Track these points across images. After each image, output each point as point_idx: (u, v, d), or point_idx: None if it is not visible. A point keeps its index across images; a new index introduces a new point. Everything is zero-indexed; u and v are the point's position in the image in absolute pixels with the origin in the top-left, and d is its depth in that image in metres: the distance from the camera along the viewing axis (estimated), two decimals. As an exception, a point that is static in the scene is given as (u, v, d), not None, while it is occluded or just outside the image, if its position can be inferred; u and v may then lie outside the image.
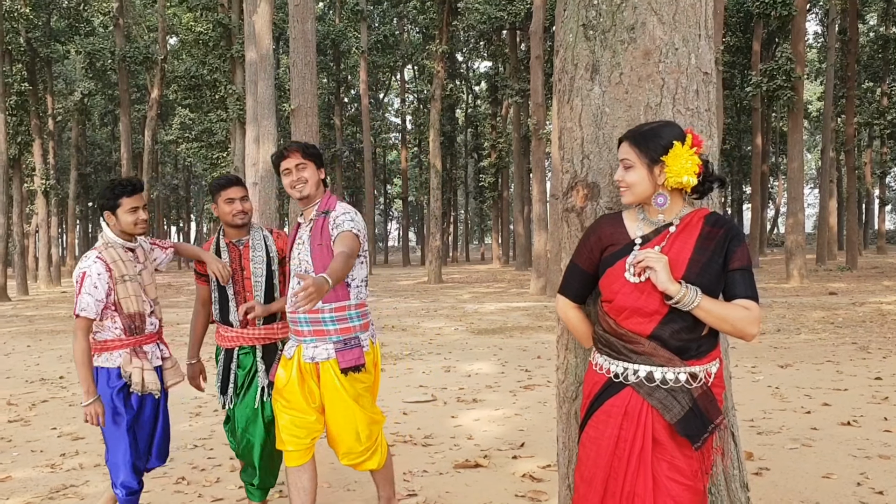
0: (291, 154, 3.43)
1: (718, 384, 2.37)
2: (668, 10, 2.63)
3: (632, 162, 2.32)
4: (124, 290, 3.53)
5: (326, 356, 3.39)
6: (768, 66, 23.58)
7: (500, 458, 5.15)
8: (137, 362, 3.55)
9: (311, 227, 3.42)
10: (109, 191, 3.60)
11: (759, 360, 8.92)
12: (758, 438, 5.44)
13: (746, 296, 2.28)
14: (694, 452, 2.31)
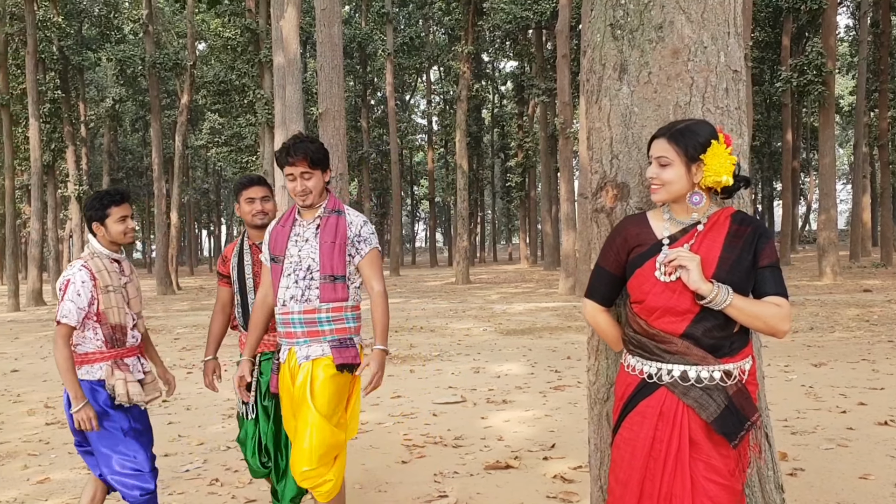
0: (298, 162, 3.24)
1: (752, 381, 2.35)
2: (697, 8, 2.62)
3: (670, 159, 2.29)
4: (107, 301, 3.44)
5: (321, 353, 3.26)
6: (798, 60, 23.29)
7: (531, 459, 5.14)
8: (120, 374, 3.44)
9: (319, 224, 3.30)
10: (97, 201, 3.53)
11: (793, 358, 8.81)
12: (792, 438, 5.37)
13: (776, 293, 2.28)
14: (730, 451, 2.29)
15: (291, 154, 3.25)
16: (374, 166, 45.30)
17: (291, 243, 3.32)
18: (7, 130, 25.12)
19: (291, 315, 3.27)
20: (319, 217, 3.32)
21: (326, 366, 3.24)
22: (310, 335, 3.26)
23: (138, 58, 30.43)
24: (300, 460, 3.19)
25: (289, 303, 3.27)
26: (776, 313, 2.25)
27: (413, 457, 5.30)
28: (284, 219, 3.40)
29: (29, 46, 24.89)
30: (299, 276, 3.27)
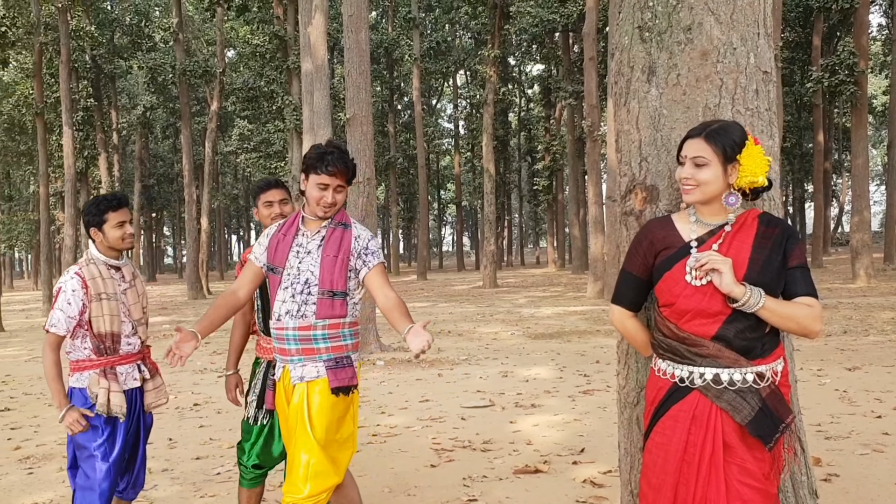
0: (338, 174, 3.07)
1: (785, 383, 2.33)
2: (726, 9, 2.60)
3: (707, 159, 2.27)
4: (98, 309, 3.37)
5: (316, 374, 3.06)
6: (829, 60, 22.99)
7: (561, 463, 5.12)
8: (104, 383, 3.37)
9: (324, 236, 3.12)
10: (94, 206, 3.47)
11: (826, 362, 8.69)
12: (826, 444, 5.30)
13: (807, 293, 2.27)
14: (765, 454, 2.27)
15: (332, 164, 3.07)
16: (401, 171, 45.44)
17: (293, 254, 3.13)
18: (42, 138, 25.58)
19: (286, 331, 3.07)
20: (325, 228, 3.14)
21: (322, 389, 3.04)
22: (304, 353, 3.07)
23: (169, 65, 30.84)
24: (293, 488, 3.00)
25: (284, 317, 3.07)
26: (808, 313, 2.24)
27: (442, 461, 5.30)
28: (286, 227, 3.21)
29: (63, 56, 25.33)
30: (296, 289, 3.07)
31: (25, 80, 30.98)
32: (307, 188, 3.11)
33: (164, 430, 6.62)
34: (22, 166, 43.32)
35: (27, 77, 30.35)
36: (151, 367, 3.64)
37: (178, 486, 4.99)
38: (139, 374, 3.54)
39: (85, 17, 30.29)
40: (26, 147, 39.87)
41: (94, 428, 3.40)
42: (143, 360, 3.59)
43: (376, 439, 6.00)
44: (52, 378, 3.35)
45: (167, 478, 5.17)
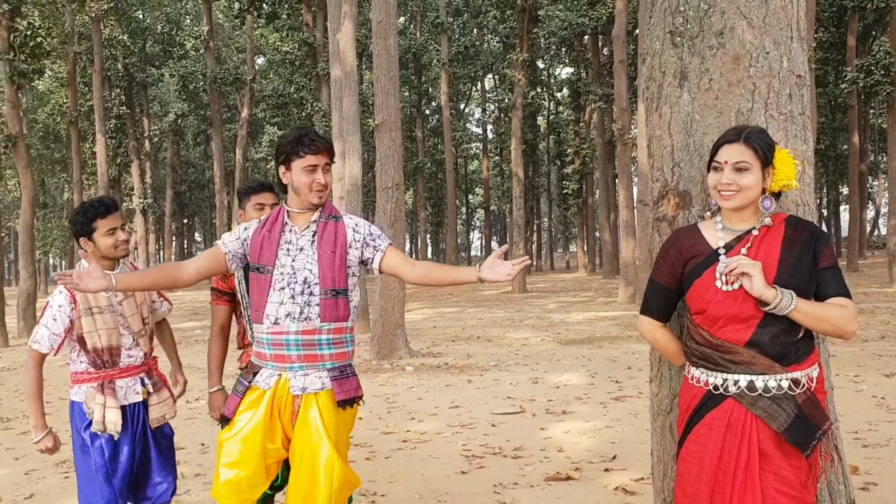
0: (323, 152, 2.87)
1: (821, 389, 2.31)
2: (758, 13, 2.57)
3: (749, 164, 2.25)
4: (89, 324, 3.19)
5: (321, 386, 2.85)
6: (864, 61, 22.64)
7: (592, 470, 5.08)
8: (101, 398, 3.20)
9: (315, 231, 2.92)
10: (81, 215, 3.23)
11: (862, 368, 8.53)
12: (863, 451, 5.20)
13: (840, 293, 2.25)
14: (801, 462, 2.24)
15: (313, 142, 2.86)
16: (429, 175, 45.51)
17: (282, 252, 2.90)
18: (76, 146, 26.03)
19: (287, 335, 2.83)
20: (315, 223, 2.93)
21: (326, 401, 2.85)
22: (307, 359, 2.85)
23: (200, 73, 31.24)
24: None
25: (283, 321, 2.83)
26: (843, 314, 2.22)
27: (472, 467, 5.29)
28: (269, 223, 2.97)
29: (96, 65, 25.78)
30: (296, 290, 2.85)
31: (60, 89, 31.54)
32: (293, 178, 2.89)
33: (197, 436, 6.68)
34: (56, 174, 44.10)
35: (62, 86, 30.90)
36: (158, 379, 3.48)
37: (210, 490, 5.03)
38: (142, 388, 3.36)
39: (118, 27, 30.81)
40: (60, 155, 40.61)
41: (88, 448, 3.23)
42: (149, 372, 3.43)
43: (406, 445, 6.00)
44: (31, 396, 3.22)
45: (200, 483, 5.21)
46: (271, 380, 2.88)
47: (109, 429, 3.20)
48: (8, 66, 17.82)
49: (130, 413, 3.34)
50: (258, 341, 2.93)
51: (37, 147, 37.64)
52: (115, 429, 3.21)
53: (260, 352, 2.92)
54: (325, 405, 2.84)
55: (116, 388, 3.27)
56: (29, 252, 17.93)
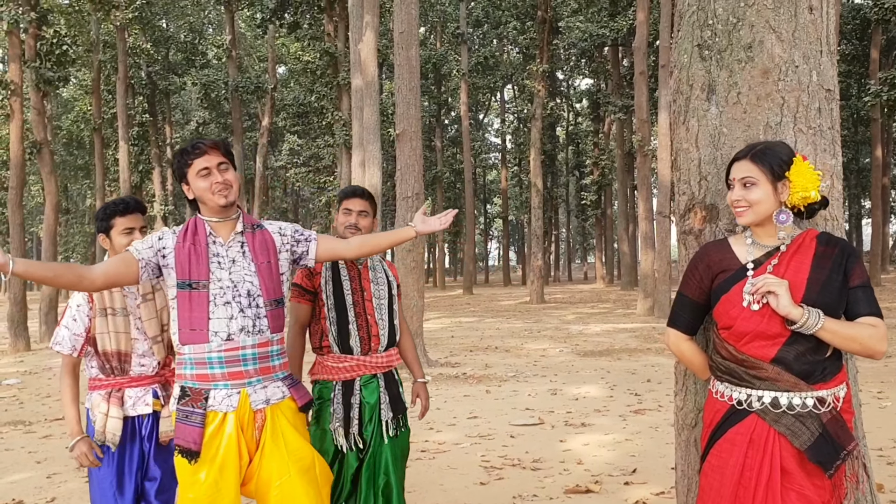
0: (210, 150, 2.76)
1: (848, 409, 2.28)
2: (788, 27, 2.56)
3: (755, 179, 2.25)
4: (103, 325, 3.11)
5: (282, 395, 2.83)
6: (888, 74, 22.46)
7: (612, 483, 5.05)
8: (104, 407, 3.11)
9: (244, 242, 2.83)
10: (102, 211, 3.21)
11: (886, 384, 8.44)
12: (888, 469, 5.14)
13: (870, 312, 2.22)
14: (825, 482, 2.21)
15: (199, 144, 2.78)
16: (447, 185, 45.60)
17: (214, 265, 2.76)
18: (99, 153, 26.31)
19: (243, 350, 2.72)
20: (241, 233, 2.84)
21: (290, 409, 2.83)
22: (262, 372, 2.77)
23: (222, 82, 31.48)
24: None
25: (237, 336, 2.72)
26: (872, 334, 2.19)
27: (491, 478, 5.27)
28: (189, 236, 2.79)
29: (120, 73, 26.05)
30: (243, 303, 2.74)
31: (84, 96, 31.92)
32: (193, 189, 2.79)
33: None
34: (79, 180, 44.60)
35: (86, 94, 31.26)
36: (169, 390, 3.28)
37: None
38: (153, 399, 3.22)
39: (141, 35, 31.13)
40: (83, 161, 41.05)
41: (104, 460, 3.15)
42: (165, 383, 3.27)
43: (425, 455, 6.00)
44: (65, 403, 3.14)
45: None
46: (232, 399, 2.72)
47: (108, 439, 3.11)
48: (34, 73, 18.05)
49: (138, 425, 3.21)
50: (197, 363, 2.72)
51: (60, 153, 38.11)
52: (114, 440, 3.11)
53: (204, 373, 2.71)
54: (292, 412, 2.85)
55: (125, 398, 3.17)
56: (52, 257, 18.11)
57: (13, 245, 16.45)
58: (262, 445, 2.75)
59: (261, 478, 2.74)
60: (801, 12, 2.58)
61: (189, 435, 2.67)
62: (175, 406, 2.75)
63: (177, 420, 2.72)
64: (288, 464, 2.74)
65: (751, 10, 2.58)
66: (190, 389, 2.73)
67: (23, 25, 16.87)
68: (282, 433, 2.77)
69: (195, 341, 2.72)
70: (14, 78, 16.81)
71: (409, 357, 3.67)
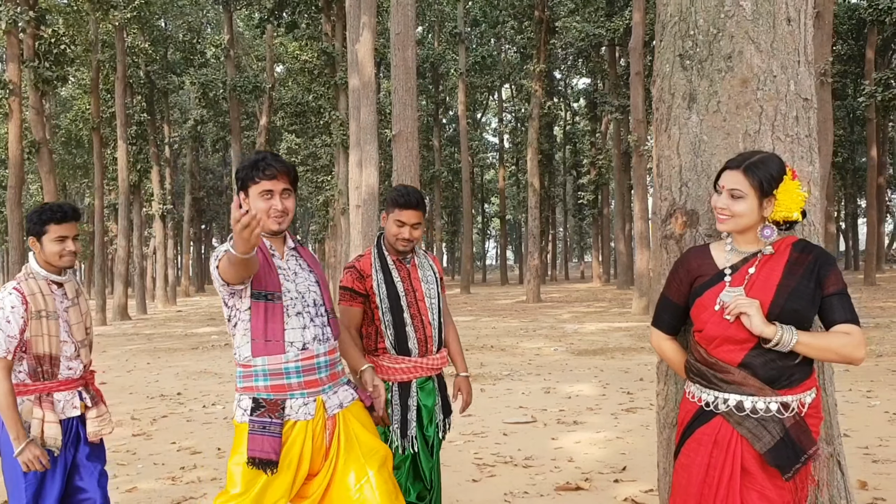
0: (279, 176, 2.76)
1: (814, 414, 2.35)
2: (766, 38, 2.65)
3: (744, 192, 2.30)
4: (38, 328, 3.09)
5: (352, 398, 2.92)
6: (882, 74, 22.56)
7: (602, 481, 5.14)
8: (38, 412, 3.09)
9: (296, 255, 2.93)
10: (37, 215, 3.17)
11: (876, 383, 8.53)
12: (872, 467, 5.23)
13: (846, 320, 2.27)
14: (786, 483, 2.29)
15: (268, 167, 2.75)
16: (445, 184, 45.67)
17: (282, 277, 2.80)
18: (98, 152, 26.34)
19: (317, 359, 2.79)
20: (294, 249, 2.94)
21: (359, 409, 2.93)
22: (331, 378, 2.85)
23: (220, 81, 31.53)
24: None
25: (312, 344, 2.78)
26: (847, 342, 2.24)
27: (483, 476, 5.36)
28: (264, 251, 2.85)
29: (118, 72, 26.09)
30: (311, 313, 2.82)
31: (83, 95, 31.96)
32: (251, 205, 2.76)
33: (213, 440, 6.79)
34: (78, 179, 44.63)
35: (85, 93, 31.30)
36: (95, 393, 3.36)
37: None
38: (80, 402, 3.25)
39: (140, 35, 31.17)
40: (82, 160, 41.08)
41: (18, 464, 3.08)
42: (87, 385, 3.32)
43: (419, 453, 6.07)
44: (5, 407, 3.03)
45: (216, 487, 5.31)
46: (309, 408, 2.76)
47: (49, 444, 3.09)
48: (33, 73, 18.11)
49: (65, 427, 3.21)
50: (272, 374, 2.72)
51: (59, 152, 38.12)
52: (56, 444, 3.10)
53: (280, 384, 2.72)
54: (361, 411, 2.93)
55: (55, 402, 3.17)
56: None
57: (12, 244, 16.52)
58: (334, 455, 2.78)
59: (334, 485, 2.76)
60: (779, 24, 2.66)
61: (268, 445, 2.65)
62: (247, 418, 2.71)
63: (250, 432, 2.68)
64: (365, 465, 2.77)
65: (731, 21, 2.67)
66: (264, 401, 2.71)
67: (21, 25, 16.94)
68: (355, 436, 2.83)
69: (270, 352, 2.72)
70: (13, 77, 16.88)
71: (452, 349, 3.65)
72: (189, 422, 7.72)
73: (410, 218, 3.36)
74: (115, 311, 25.68)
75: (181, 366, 12.39)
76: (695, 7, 2.72)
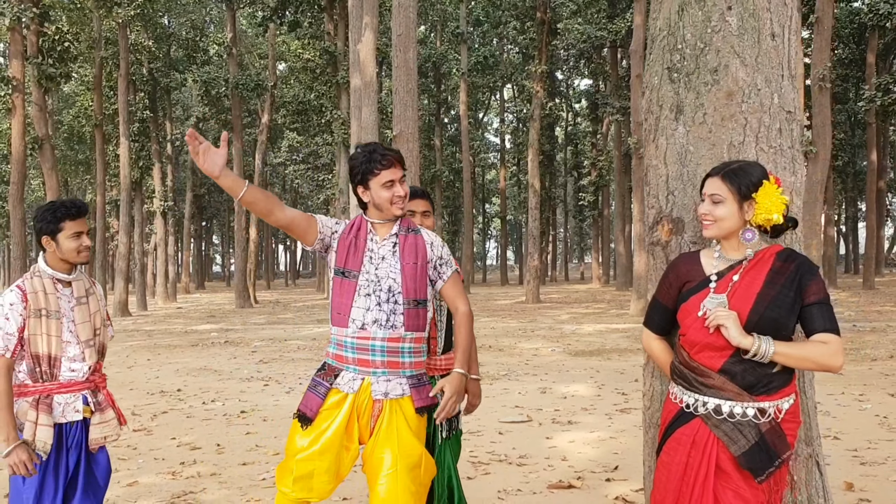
0: (395, 164, 2.98)
1: (791, 420, 2.43)
2: (751, 52, 2.74)
3: (722, 197, 2.41)
4: (36, 326, 3.04)
5: (401, 392, 2.94)
6: (882, 79, 22.64)
7: (594, 479, 5.24)
8: (33, 415, 3.01)
9: (396, 242, 3.03)
10: (50, 213, 3.11)
11: (869, 387, 8.62)
12: (860, 469, 5.32)
13: (825, 329, 2.34)
14: (760, 484, 2.39)
15: (385, 157, 2.97)
16: (446, 184, 45.77)
17: (367, 259, 2.98)
18: (100, 149, 26.47)
19: (373, 341, 2.91)
20: (396, 235, 3.04)
21: (406, 407, 2.95)
22: (390, 366, 2.93)
23: (222, 79, 31.64)
24: None
25: (370, 327, 2.92)
26: (824, 351, 2.31)
27: (478, 473, 5.46)
28: (353, 230, 3.04)
29: (121, 69, 26.21)
30: (381, 297, 2.94)
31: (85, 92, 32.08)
32: (373, 196, 2.99)
33: (213, 436, 6.89)
34: (79, 175, 44.73)
35: (88, 90, 31.41)
36: (105, 398, 3.28)
37: (226, 489, 5.23)
38: (83, 406, 3.14)
39: (143, 32, 31.30)
40: (84, 156, 41.19)
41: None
42: (95, 389, 3.23)
43: (415, 451, 6.17)
44: (2, 407, 2.97)
45: (215, 482, 5.41)
46: (355, 383, 2.93)
47: (38, 448, 3.01)
48: (36, 69, 18.21)
49: (66, 432, 3.14)
50: (338, 344, 2.98)
51: (61, 148, 38.24)
52: (45, 448, 3.02)
53: (341, 354, 2.97)
54: (405, 411, 2.94)
55: (53, 405, 3.09)
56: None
57: (14, 240, 16.63)
58: (377, 434, 2.91)
59: (372, 464, 2.92)
60: (763, 39, 2.76)
61: (311, 402, 2.95)
62: (313, 375, 3.04)
63: (308, 388, 3.01)
64: (397, 459, 2.87)
65: (717, 35, 2.76)
66: (328, 366, 3.02)
67: (25, 21, 17.03)
68: (396, 429, 2.90)
69: (339, 324, 2.98)
70: (16, 74, 16.98)
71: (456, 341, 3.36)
72: (189, 418, 7.82)
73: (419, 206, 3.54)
74: (115, 308, 25.78)
75: (181, 362, 12.49)
76: (683, 22, 2.81)
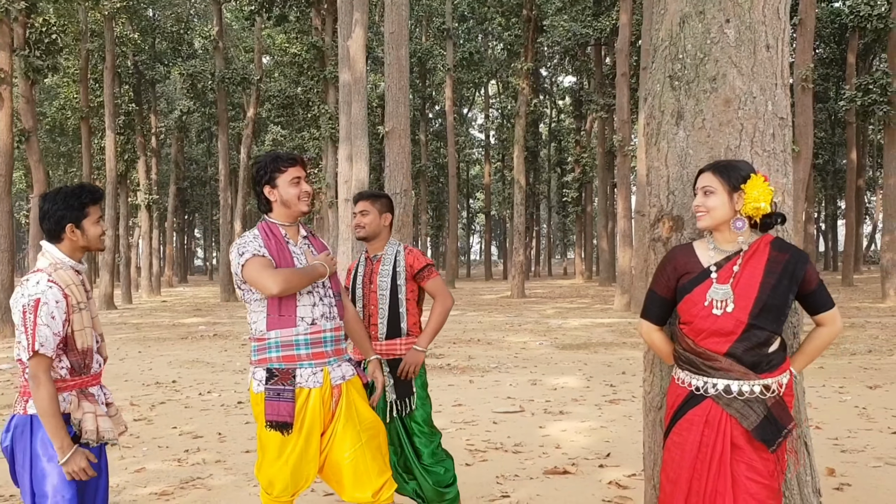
0: (300, 163, 3.22)
1: (789, 393, 2.70)
2: (747, 62, 2.95)
3: (714, 188, 2.63)
4: (79, 321, 2.85)
5: (353, 373, 3.27)
6: (863, 80, 23.05)
7: (587, 466, 5.45)
8: (89, 406, 2.85)
9: (310, 244, 3.35)
10: (75, 199, 2.87)
11: (848, 380, 8.91)
12: (841, 456, 5.58)
13: (825, 307, 2.70)
14: (770, 455, 2.62)
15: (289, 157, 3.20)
16: (431, 179, 45.96)
17: (295, 260, 3.19)
18: (86, 141, 26.39)
19: (324, 333, 3.17)
20: (306, 237, 3.32)
21: (357, 385, 3.27)
22: (336, 353, 3.21)
23: (208, 72, 31.59)
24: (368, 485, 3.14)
25: (319, 321, 3.15)
26: (829, 333, 2.74)
27: (476, 460, 5.66)
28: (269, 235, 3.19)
29: (107, 62, 26.16)
30: (321, 293, 3.19)
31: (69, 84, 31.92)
32: (281, 193, 3.15)
33: (213, 425, 7.04)
34: (62, 167, 44.45)
35: (72, 82, 31.25)
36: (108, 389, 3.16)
37: (232, 475, 5.39)
38: (104, 398, 3.02)
39: (128, 25, 31.17)
40: (67, 149, 40.97)
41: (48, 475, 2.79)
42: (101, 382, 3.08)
43: (413, 439, 6.36)
44: (52, 414, 2.72)
45: (221, 468, 5.57)
46: (317, 377, 3.12)
47: (107, 437, 2.87)
48: (23, 61, 18.17)
49: None
50: (284, 345, 3.08)
51: (44, 140, 38.02)
52: (112, 435, 2.90)
53: (290, 354, 3.08)
54: (359, 387, 3.29)
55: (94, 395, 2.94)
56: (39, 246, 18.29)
57: (1, 232, 16.60)
58: (338, 418, 3.16)
59: (334, 446, 3.15)
60: (759, 50, 2.97)
61: (283, 410, 3.05)
62: (263, 388, 3.09)
63: (267, 399, 3.06)
64: (360, 433, 3.17)
65: (716, 47, 2.97)
66: (277, 370, 3.09)
67: (13, 14, 16.98)
68: (354, 406, 3.20)
69: (283, 326, 3.10)
70: (4, 66, 16.91)
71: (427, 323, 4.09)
72: (187, 408, 7.96)
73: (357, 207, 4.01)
74: (101, 301, 25.76)
75: (172, 355, 12.61)
76: (683, 33, 3.02)
